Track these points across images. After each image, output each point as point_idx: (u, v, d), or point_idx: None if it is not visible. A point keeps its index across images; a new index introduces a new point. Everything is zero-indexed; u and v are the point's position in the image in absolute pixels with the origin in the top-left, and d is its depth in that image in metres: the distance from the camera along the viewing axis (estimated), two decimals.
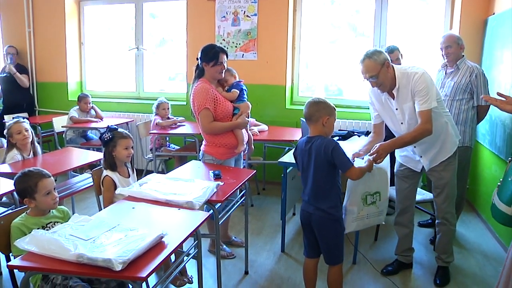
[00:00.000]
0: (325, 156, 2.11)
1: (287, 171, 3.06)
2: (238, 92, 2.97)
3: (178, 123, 4.47)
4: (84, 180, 3.20)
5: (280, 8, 4.55)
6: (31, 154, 3.16)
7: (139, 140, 4.59)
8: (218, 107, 2.82)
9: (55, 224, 2.00)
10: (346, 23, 4.75)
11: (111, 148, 2.54)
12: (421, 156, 2.62)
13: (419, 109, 2.36)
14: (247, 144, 3.08)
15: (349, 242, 2.97)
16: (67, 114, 4.85)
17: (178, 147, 4.66)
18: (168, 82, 5.57)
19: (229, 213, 2.68)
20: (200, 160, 2.99)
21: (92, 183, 2.69)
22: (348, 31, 4.77)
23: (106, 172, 2.53)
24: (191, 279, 2.66)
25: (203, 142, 2.99)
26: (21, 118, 3.23)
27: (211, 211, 2.24)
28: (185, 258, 2.06)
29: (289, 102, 4.80)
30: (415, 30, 4.45)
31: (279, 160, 3.12)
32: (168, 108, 4.52)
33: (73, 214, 1.95)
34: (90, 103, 4.94)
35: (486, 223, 3.60)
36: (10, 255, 1.94)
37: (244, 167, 3.39)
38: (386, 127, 2.70)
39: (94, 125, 4.75)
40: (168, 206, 2.07)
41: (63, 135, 4.74)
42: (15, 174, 2.08)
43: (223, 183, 2.40)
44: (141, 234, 1.64)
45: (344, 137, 3.73)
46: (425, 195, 3.23)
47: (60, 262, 1.49)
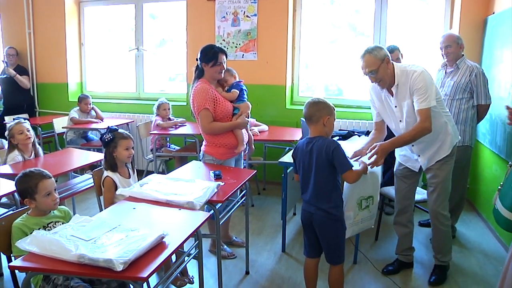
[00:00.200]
0: (326, 157, 2.11)
1: (288, 171, 3.07)
2: (238, 92, 2.98)
3: (178, 124, 4.47)
4: (85, 181, 3.21)
5: (280, 8, 4.55)
6: (32, 155, 3.16)
7: (140, 141, 4.59)
8: (217, 107, 2.83)
9: (56, 224, 2.00)
10: (346, 23, 4.75)
11: (112, 148, 2.55)
12: (419, 155, 2.62)
13: (418, 107, 2.36)
14: (247, 144, 3.08)
15: (350, 242, 2.97)
16: (67, 115, 4.85)
17: (179, 148, 4.66)
18: (168, 83, 5.57)
19: (229, 213, 2.69)
20: (201, 161, 2.99)
21: (92, 184, 2.68)
22: (348, 31, 4.77)
23: (106, 172, 2.53)
24: (192, 279, 2.66)
25: (203, 143, 2.99)
26: (22, 119, 3.22)
27: (212, 211, 2.24)
28: (186, 258, 2.06)
29: (289, 102, 4.80)
30: (415, 30, 4.45)
31: (279, 160, 3.12)
32: (169, 108, 4.51)
33: (74, 215, 1.95)
34: (90, 104, 4.95)
35: (487, 222, 3.60)
36: (12, 255, 1.94)
37: (244, 167, 3.39)
38: (387, 126, 2.70)
39: (94, 126, 4.75)
40: (168, 206, 2.07)
41: (64, 136, 4.74)
42: (16, 175, 2.07)
43: (223, 183, 2.40)
44: (142, 235, 1.64)
45: (344, 137, 3.73)
46: (424, 194, 3.22)
47: (61, 262, 1.49)
